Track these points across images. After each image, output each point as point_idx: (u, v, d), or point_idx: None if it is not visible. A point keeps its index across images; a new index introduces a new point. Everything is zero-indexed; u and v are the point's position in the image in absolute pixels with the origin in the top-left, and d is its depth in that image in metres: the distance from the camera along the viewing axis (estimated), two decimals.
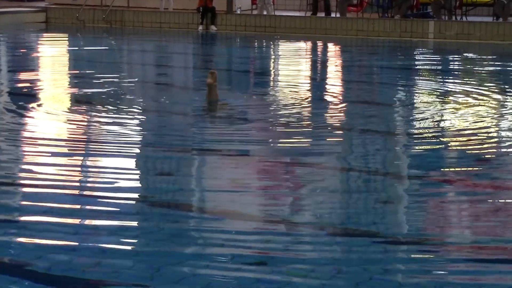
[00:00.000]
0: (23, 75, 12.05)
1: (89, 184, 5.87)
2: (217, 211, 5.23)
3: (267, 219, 5.08)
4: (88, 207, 5.27)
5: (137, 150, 7.01)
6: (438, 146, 7.37)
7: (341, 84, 12.42)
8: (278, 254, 4.37)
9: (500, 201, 5.60)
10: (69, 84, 11.42)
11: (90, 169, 6.31)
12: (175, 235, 4.66)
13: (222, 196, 5.57)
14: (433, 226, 5.00)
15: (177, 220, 5.00)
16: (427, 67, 15.05)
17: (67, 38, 19.56)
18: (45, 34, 20.28)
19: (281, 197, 5.66)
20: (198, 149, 7.19)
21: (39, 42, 18.90)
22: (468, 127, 8.08)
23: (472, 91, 10.75)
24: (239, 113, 8.80)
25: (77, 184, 5.85)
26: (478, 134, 7.72)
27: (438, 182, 6.05)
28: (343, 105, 9.83)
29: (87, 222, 4.97)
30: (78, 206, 5.29)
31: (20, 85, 10.87)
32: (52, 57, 15.52)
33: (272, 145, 7.32)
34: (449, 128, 8.15)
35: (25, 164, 6.48)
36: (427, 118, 8.65)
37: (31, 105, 8.97)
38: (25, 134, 7.64)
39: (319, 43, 19.08)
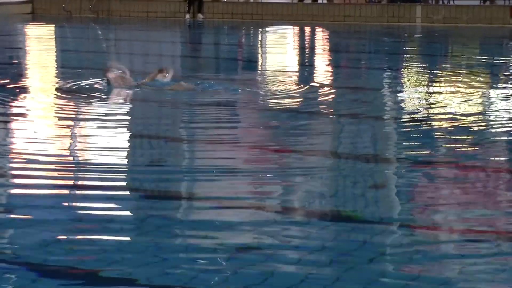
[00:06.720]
0: (8, 67, 11.98)
1: (82, 175, 5.83)
2: (206, 198, 5.20)
3: (256, 205, 5.05)
4: (82, 196, 5.25)
5: (125, 139, 6.98)
6: (426, 129, 7.35)
7: (329, 69, 12.40)
8: (269, 241, 4.35)
9: (491, 183, 5.59)
10: (55, 76, 11.35)
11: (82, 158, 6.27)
12: (163, 225, 4.62)
13: (211, 183, 5.54)
14: (425, 210, 4.98)
15: (166, 209, 4.97)
16: (414, 51, 15.04)
17: (53, 29, 19.45)
18: (31, 25, 20.16)
19: (271, 183, 5.62)
20: (185, 137, 7.17)
21: (25, 33, 18.79)
22: (457, 110, 8.09)
23: (460, 75, 10.74)
24: (226, 100, 8.78)
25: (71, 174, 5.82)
26: (467, 116, 7.72)
27: (428, 166, 6.03)
28: (331, 90, 9.80)
29: (80, 213, 4.93)
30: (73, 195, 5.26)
31: (4, 76, 10.81)
32: (38, 48, 15.43)
33: (260, 130, 7.30)
34: (437, 111, 8.15)
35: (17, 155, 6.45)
36: (415, 102, 8.67)
37: (16, 97, 8.92)
38: (14, 122, 7.60)
39: (306, 30, 19.04)
